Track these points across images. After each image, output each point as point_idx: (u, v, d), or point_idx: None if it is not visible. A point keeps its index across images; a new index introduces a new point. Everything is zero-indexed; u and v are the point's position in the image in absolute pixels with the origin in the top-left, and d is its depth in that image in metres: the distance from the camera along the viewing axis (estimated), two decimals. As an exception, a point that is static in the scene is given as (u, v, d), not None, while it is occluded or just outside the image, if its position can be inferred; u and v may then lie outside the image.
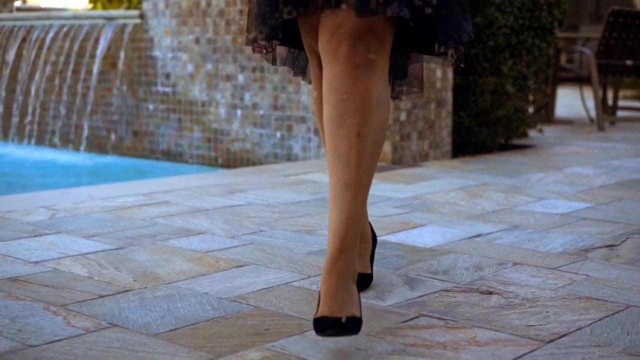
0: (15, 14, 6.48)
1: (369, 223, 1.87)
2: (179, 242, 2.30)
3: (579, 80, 6.57)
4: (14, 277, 1.92)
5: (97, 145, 5.60)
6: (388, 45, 1.54)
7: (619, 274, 2.03)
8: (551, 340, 1.55)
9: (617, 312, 1.73)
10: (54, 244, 2.24)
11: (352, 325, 1.42)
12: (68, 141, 5.72)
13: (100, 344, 1.50)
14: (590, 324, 1.65)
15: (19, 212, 2.65)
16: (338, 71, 1.50)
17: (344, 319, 1.42)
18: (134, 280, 1.91)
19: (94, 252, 2.16)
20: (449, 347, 1.50)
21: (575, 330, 1.61)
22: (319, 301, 1.47)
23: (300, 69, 1.84)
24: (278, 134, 4.63)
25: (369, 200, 2.34)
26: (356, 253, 1.53)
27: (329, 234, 1.52)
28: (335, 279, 1.47)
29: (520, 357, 1.46)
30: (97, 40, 5.45)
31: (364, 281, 1.83)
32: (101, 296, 1.78)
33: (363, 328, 1.57)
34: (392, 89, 1.79)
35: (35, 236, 2.33)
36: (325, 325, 1.41)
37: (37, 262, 2.05)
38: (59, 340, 1.51)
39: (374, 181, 1.61)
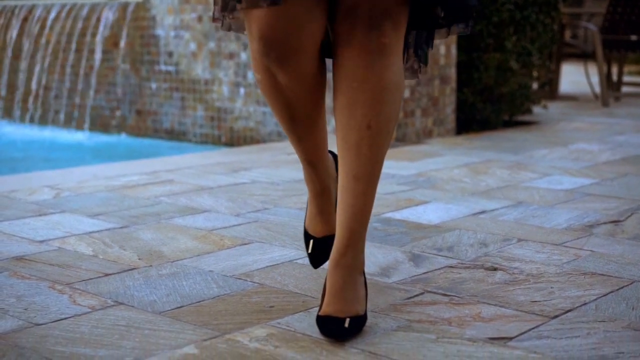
0: (17, -7, 6.44)
1: (334, 164, 1.72)
2: (184, 220, 2.30)
3: (584, 56, 6.53)
4: (20, 256, 1.93)
5: (101, 125, 5.60)
6: (403, 27, 1.45)
7: (623, 249, 2.03)
8: (556, 316, 1.55)
9: (622, 287, 1.73)
10: (58, 223, 2.25)
11: (355, 327, 1.42)
12: (71, 121, 5.71)
13: (106, 322, 1.50)
14: (595, 299, 1.65)
15: (24, 192, 2.66)
16: (350, 56, 1.42)
17: (347, 323, 1.41)
18: (139, 259, 1.91)
19: (98, 231, 2.16)
20: (453, 323, 1.51)
21: (580, 306, 1.61)
22: (323, 292, 1.47)
23: None
24: (281, 112, 4.62)
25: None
26: (364, 246, 1.51)
27: (336, 226, 1.49)
28: (341, 274, 1.46)
29: (525, 332, 1.46)
30: (99, 19, 5.43)
31: (330, 243, 1.62)
32: (106, 274, 1.79)
33: (368, 304, 1.58)
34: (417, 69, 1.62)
35: (40, 215, 2.34)
36: (328, 328, 1.41)
37: (42, 241, 2.06)
38: (65, 318, 1.52)
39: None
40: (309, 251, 1.70)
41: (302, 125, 1.57)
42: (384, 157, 1.49)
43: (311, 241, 1.70)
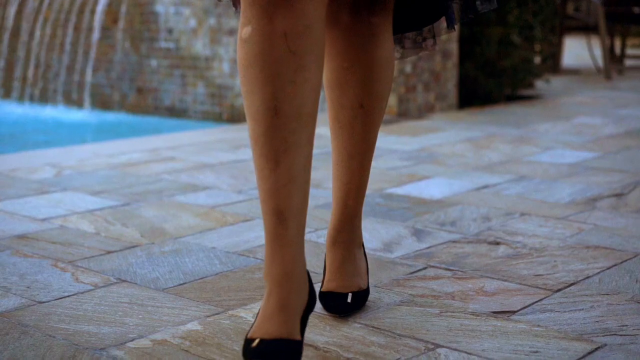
0: (15, -29, 6.39)
1: (307, 272, 1.26)
2: (186, 197, 2.30)
3: (586, 29, 6.49)
4: (22, 234, 1.92)
5: (101, 103, 5.58)
6: (391, 4, 1.42)
7: (627, 222, 2.03)
8: (559, 289, 1.55)
9: (626, 260, 1.72)
10: (60, 201, 2.24)
11: (357, 302, 1.42)
12: (71, 99, 5.69)
13: (109, 299, 1.50)
14: (599, 272, 1.65)
15: (25, 170, 2.65)
16: (338, 36, 1.39)
17: (349, 298, 1.41)
18: (141, 236, 1.91)
19: (100, 209, 2.16)
20: (457, 298, 1.50)
21: (584, 279, 1.61)
22: (325, 268, 1.47)
23: None
24: (282, 88, 4.60)
25: (375, 153, 2.32)
26: (360, 221, 1.50)
27: (332, 203, 1.48)
28: (340, 250, 1.45)
29: (528, 306, 1.46)
30: (97, -4, 5.39)
31: (291, 349, 1.17)
32: (109, 252, 1.79)
33: (371, 280, 1.57)
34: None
35: (42, 194, 2.33)
36: (331, 303, 1.41)
37: (44, 220, 2.05)
38: (68, 296, 1.52)
39: (379, 133, 1.57)
40: (254, 345, 1.16)
41: (286, 127, 1.17)
42: (377, 133, 1.48)
43: (257, 340, 1.17)
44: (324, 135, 3.37)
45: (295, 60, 1.16)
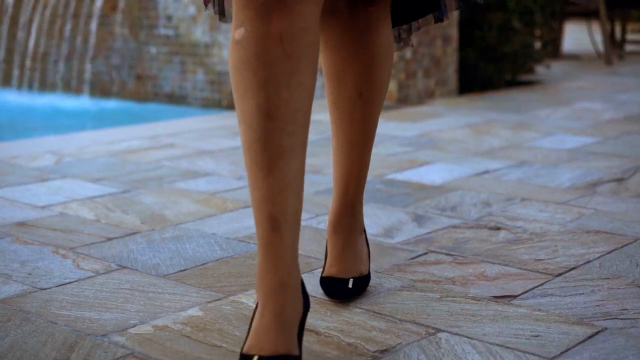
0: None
1: (302, 281, 1.21)
2: (186, 184, 2.30)
3: (587, 14, 6.47)
4: (22, 221, 1.92)
5: (100, 90, 5.57)
6: None
7: (627, 207, 2.03)
8: (560, 274, 1.55)
9: (626, 244, 1.73)
10: (60, 189, 2.24)
11: (358, 287, 1.42)
12: (70, 86, 5.68)
13: (110, 285, 1.50)
14: (599, 257, 1.65)
15: (25, 158, 2.65)
16: (336, 26, 1.39)
17: (350, 283, 1.41)
18: (142, 223, 1.91)
19: (100, 196, 2.16)
20: (457, 282, 1.51)
21: (584, 264, 1.61)
22: (326, 254, 1.47)
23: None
24: (282, 75, 4.58)
25: (375, 139, 2.32)
26: (362, 208, 1.50)
27: (333, 190, 1.48)
28: (341, 236, 1.46)
29: (529, 290, 1.46)
30: (96, -17, 5.36)
31: None
32: (109, 239, 1.79)
33: (372, 265, 1.58)
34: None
35: (42, 181, 2.33)
36: (332, 289, 1.41)
37: (44, 207, 2.05)
38: (69, 282, 1.52)
39: (379, 120, 1.56)
40: None
41: (282, 131, 1.12)
42: (377, 121, 1.47)
43: (255, 357, 1.11)
44: (324, 120, 3.37)
45: (291, 64, 1.11)
